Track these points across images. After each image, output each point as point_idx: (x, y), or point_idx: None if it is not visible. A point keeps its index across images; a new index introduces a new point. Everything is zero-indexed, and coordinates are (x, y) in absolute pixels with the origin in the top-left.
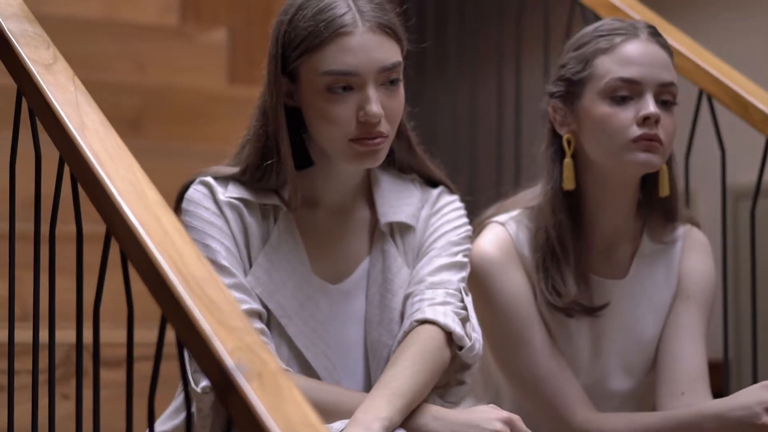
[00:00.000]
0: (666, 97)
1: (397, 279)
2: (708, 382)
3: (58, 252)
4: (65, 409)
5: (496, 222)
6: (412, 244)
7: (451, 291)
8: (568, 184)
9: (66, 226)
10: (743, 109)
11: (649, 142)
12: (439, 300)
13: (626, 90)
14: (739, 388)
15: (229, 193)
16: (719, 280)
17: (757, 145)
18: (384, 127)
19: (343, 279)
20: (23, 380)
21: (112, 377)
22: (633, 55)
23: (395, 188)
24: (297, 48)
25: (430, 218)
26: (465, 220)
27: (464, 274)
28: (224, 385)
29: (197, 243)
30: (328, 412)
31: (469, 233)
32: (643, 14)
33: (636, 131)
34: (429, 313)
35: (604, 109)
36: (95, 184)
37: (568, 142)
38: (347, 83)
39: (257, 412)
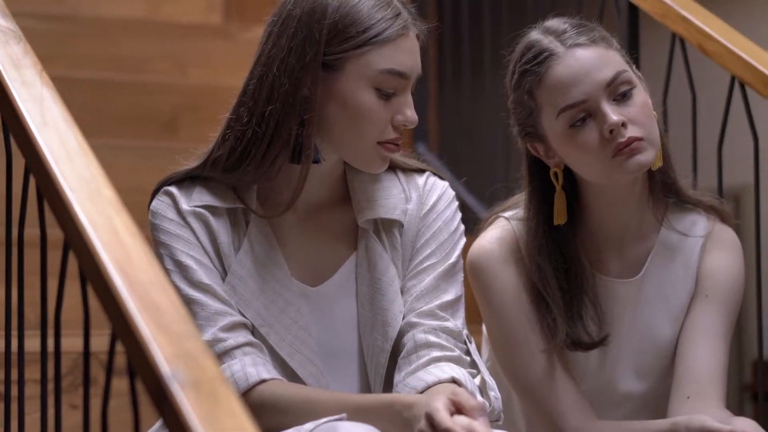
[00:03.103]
0: (621, 89)
1: (385, 277)
2: (721, 386)
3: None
4: (74, 418)
5: (502, 217)
6: (400, 241)
7: (455, 333)
8: (560, 218)
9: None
10: None
11: (628, 148)
12: (451, 354)
13: (580, 111)
14: None
15: (193, 201)
16: (746, 279)
17: None
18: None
19: (324, 281)
20: (29, 390)
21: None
22: (564, 79)
23: (373, 180)
24: (351, 39)
25: (423, 218)
26: (458, 214)
27: (460, 283)
28: (159, 394)
29: (167, 258)
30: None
31: (462, 228)
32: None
33: (610, 147)
34: (453, 373)
35: (570, 139)
36: (49, 183)
37: (555, 175)
38: (395, 87)
39: (188, 423)
